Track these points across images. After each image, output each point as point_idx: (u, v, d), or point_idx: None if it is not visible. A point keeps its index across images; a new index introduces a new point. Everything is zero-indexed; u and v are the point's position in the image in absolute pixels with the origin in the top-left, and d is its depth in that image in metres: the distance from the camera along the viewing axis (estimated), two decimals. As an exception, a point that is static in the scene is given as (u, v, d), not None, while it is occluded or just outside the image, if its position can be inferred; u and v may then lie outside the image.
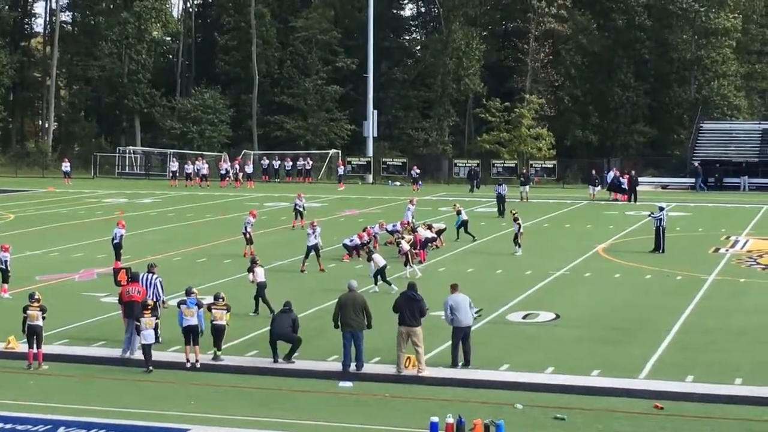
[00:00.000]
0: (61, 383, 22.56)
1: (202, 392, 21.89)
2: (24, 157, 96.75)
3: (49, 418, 19.71)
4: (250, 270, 29.20)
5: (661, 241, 41.22)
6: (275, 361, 23.81)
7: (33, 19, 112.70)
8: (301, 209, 50.22)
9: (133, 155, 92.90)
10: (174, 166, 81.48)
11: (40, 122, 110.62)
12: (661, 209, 41.69)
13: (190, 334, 23.81)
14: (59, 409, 20.38)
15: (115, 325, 25.51)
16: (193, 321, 23.86)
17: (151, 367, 23.38)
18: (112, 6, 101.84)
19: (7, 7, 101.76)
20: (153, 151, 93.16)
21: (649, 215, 42.71)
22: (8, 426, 19.19)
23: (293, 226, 49.29)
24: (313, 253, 37.03)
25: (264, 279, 29.05)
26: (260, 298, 28.92)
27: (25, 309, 24.21)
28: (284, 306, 24.49)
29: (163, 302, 27.39)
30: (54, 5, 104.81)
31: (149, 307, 23.94)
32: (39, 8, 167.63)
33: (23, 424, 19.27)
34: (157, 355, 23.89)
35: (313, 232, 37.07)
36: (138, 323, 23.88)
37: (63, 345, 25.87)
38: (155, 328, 23.85)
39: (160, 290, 27.27)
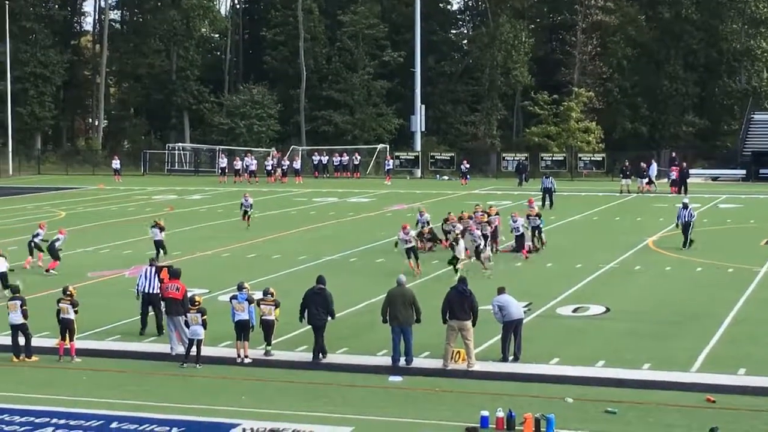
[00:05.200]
0: (113, 379, 22.71)
1: (252, 387, 21.95)
2: (74, 155, 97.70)
3: (102, 413, 19.84)
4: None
5: (687, 236, 40.53)
6: (314, 357, 23.89)
7: (82, 17, 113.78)
8: (247, 209, 48.97)
9: (182, 152, 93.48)
10: (223, 162, 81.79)
11: (90, 120, 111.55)
12: (686, 206, 41.08)
13: (241, 329, 23.89)
14: (111, 404, 20.51)
15: (164, 321, 25.61)
16: (244, 316, 23.93)
17: (199, 365, 23.45)
18: (160, 4, 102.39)
19: (57, 6, 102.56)
20: (202, 148, 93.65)
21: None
22: (62, 421, 19.34)
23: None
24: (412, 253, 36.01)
25: None
26: None
27: (58, 302, 24.49)
28: (318, 282, 24.46)
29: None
30: (103, 4, 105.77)
31: (197, 303, 24.02)
32: (88, 7, 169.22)
33: (76, 420, 19.41)
34: (207, 351, 23.99)
35: (407, 234, 35.89)
36: (183, 318, 24.02)
37: (114, 341, 26.05)
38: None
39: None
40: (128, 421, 19.34)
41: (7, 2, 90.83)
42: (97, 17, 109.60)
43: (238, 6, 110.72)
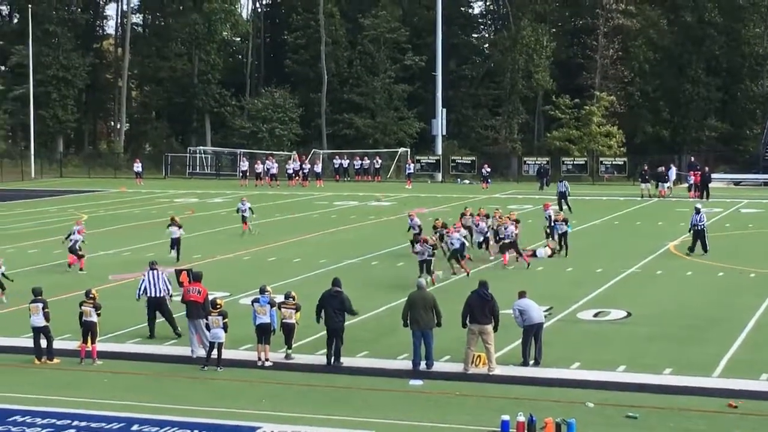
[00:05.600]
0: (134, 381, 22.77)
1: (272, 391, 21.97)
2: (96, 158, 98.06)
3: (123, 415, 19.89)
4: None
5: (704, 242, 40.18)
6: (328, 361, 23.96)
7: (105, 21, 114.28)
8: (244, 213, 47.50)
9: (203, 155, 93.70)
10: (244, 165, 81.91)
11: (112, 123, 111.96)
12: (697, 212, 40.88)
13: (263, 333, 23.92)
14: (132, 406, 20.57)
15: (186, 324, 25.66)
16: (266, 319, 23.95)
17: (220, 368, 23.49)
18: (182, 7, 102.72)
19: (79, 9, 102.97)
20: (223, 151, 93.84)
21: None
22: (83, 423, 19.41)
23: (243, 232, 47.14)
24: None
25: None
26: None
27: (81, 305, 24.55)
28: (333, 284, 24.48)
29: (170, 297, 27.53)
30: (125, 7, 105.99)
31: (218, 306, 24.05)
32: (110, 10, 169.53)
33: (98, 422, 19.47)
34: (228, 354, 24.02)
35: (449, 237, 36.33)
36: (204, 321, 24.06)
37: (135, 343, 26.13)
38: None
39: (168, 285, 27.39)
40: (149, 423, 19.39)
41: (30, 6, 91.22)
42: (119, 21, 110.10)
43: (259, 10, 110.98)
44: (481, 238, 39.26)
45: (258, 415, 19.97)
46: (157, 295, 26.79)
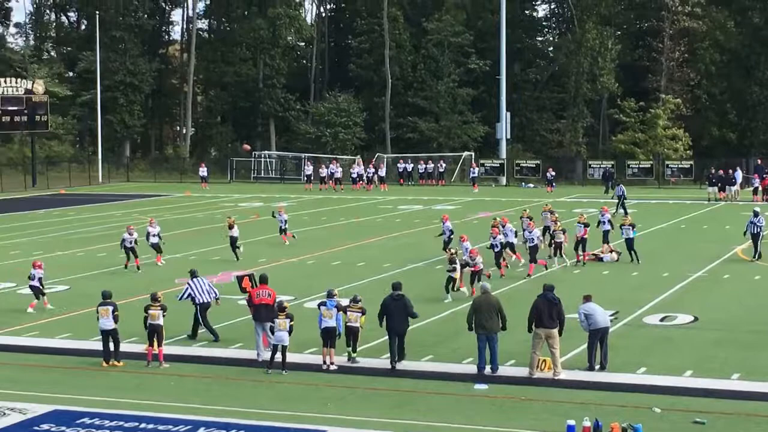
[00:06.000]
0: (200, 384, 22.93)
1: (337, 394, 22.02)
2: (162, 163, 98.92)
3: (190, 418, 20.04)
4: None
5: (756, 246, 39.77)
6: (392, 364, 23.99)
7: (170, 26, 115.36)
8: (281, 224, 46.18)
9: (268, 159, 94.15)
10: (308, 169, 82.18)
11: (178, 128, 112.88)
12: (756, 215, 40.37)
13: (328, 336, 23.98)
14: (199, 409, 20.72)
15: (251, 328, 25.79)
16: (332, 323, 24.01)
17: (285, 371, 23.57)
18: (246, 12, 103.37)
19: (145, 15, 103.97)
20: (288, 155, 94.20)
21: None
22: (150, 426, 19.58)
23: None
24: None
25: None
26: None
27: (146, 309, 24.69)
28: (394, 289, 24.52)
29: (218, 300, 27.95)
30: (191, 13, 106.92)
31: (285, 308, 24.15)
32: (176, 16, 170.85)
33: (164, 425, 19.62)
34: (293, 357, 24.11)
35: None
36: (272, 324, 24.14)
37: (201, 347, 26.30)
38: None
39: (215, 289, 27.79)
40: (215, 426, 19.51)
41: (97, 12, 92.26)
42: (184, 26, 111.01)
43: (323, 14, 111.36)
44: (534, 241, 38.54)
45: (323, 419, 20.03)
46: (205, 301, 27.12)
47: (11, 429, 19.54)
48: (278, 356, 23.73)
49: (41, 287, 31.44)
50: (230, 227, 41.47)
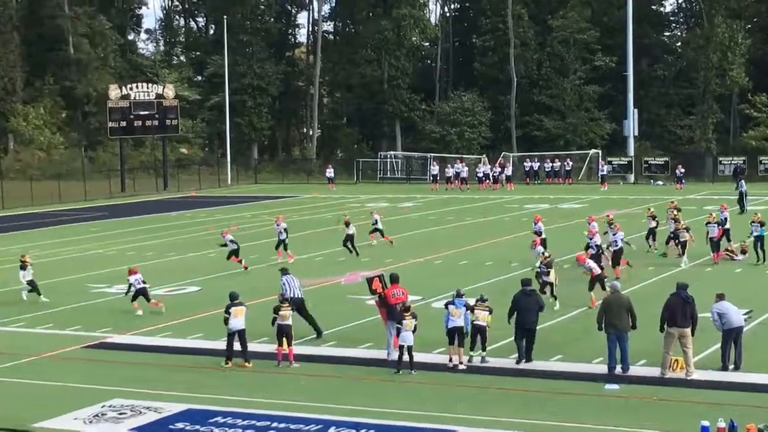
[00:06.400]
0: (330, 384, 23.08)
1: (466, 394, 21.98)
2: (290, 164, 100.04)
3: (320, 417, 20.18)
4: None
5: None
6: (518, 362, 23.90)
7: (296, 30, 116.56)
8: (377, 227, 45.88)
9: (394, 159, 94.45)
10: (434, 169, 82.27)
11: (305, 130, 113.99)
12: None
13: (455, 335, 23.95)
14: (329, 409, 20.86)
15: (381, 328, 25.89)
16: (459, 322, 23.98)
17: (414, 371, 23.59)
18: (371, 14, 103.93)
19: (272, 19, 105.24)
20: (413, 155, 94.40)
21: None
22: (282, 425, 19.77)
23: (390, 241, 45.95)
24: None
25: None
26: None
27: (276, 309, 24.81)
28: (524, 285, 24.49)
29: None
30: (316, 16, 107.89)
31: (409, 308, 24.18)
32: (302, 19, 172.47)
33: (296, 424, 19.80)
34: (421, 357, 24.13)
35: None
36: (399, 325, 24.13)
37: (331, 347, 26.47)
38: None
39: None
40: (345, 426, 19.62)
41: (225, 17, 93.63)
42: (310, 29, 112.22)
43: (448, 14, 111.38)
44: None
45: (453, 419, 20.01)
46: (296, 296, 27.12)
47: (147, 427, 19.92)
48: (405, 356, 23.77)
49: (145, 290, 31.91)
50: (347, 225, 42.84)
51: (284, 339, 24.66)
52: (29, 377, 24.17)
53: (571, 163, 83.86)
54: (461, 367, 23.86)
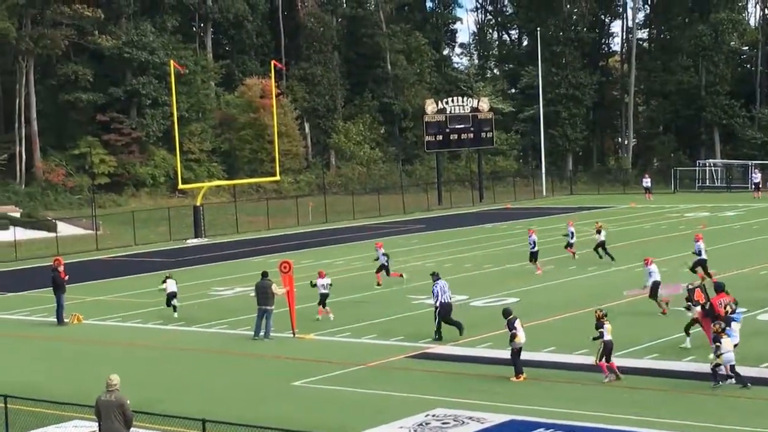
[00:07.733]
0: (654, 397, 22.70)
1: (797, 410, 21.17)
2: (605, 174, 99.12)
3: (639, 430, 19.87)
4: None
5: None
6: None
7: (610, 38, 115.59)
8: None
9: (713, 168, 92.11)
10: (756, 177, 79.66)
11: (619, 139, 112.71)
12: None
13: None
14: (651, 423, 20.47)
15: (705, 341, 25.20)
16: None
17: (748, 384, 22.85)
18: (687, 20, 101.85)
19: (585, 29, 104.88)
20: (733, 163, 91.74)
21: None
22: (599, 437, 19.66)
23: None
24: None
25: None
26: None
27: (598, 323, 24.33)
28: None
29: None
30: (630, 24, 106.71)
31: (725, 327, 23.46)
32: (615, 27, 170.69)
33: (618, 437, 19.64)
34: (749, 372, 23.35)
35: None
36: (719, 343, 23.32)
37: (653, 359, 26.03)
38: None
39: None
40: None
41: (538, 29, 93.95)
42: (624, 37, 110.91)
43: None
44: None
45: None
46: (447, 300, 29.64)
47: (470, 437, 20.19)
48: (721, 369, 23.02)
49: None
50: (598, 231, 43.75)
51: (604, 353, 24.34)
52: (356, 386, 24.91)
53: None
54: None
